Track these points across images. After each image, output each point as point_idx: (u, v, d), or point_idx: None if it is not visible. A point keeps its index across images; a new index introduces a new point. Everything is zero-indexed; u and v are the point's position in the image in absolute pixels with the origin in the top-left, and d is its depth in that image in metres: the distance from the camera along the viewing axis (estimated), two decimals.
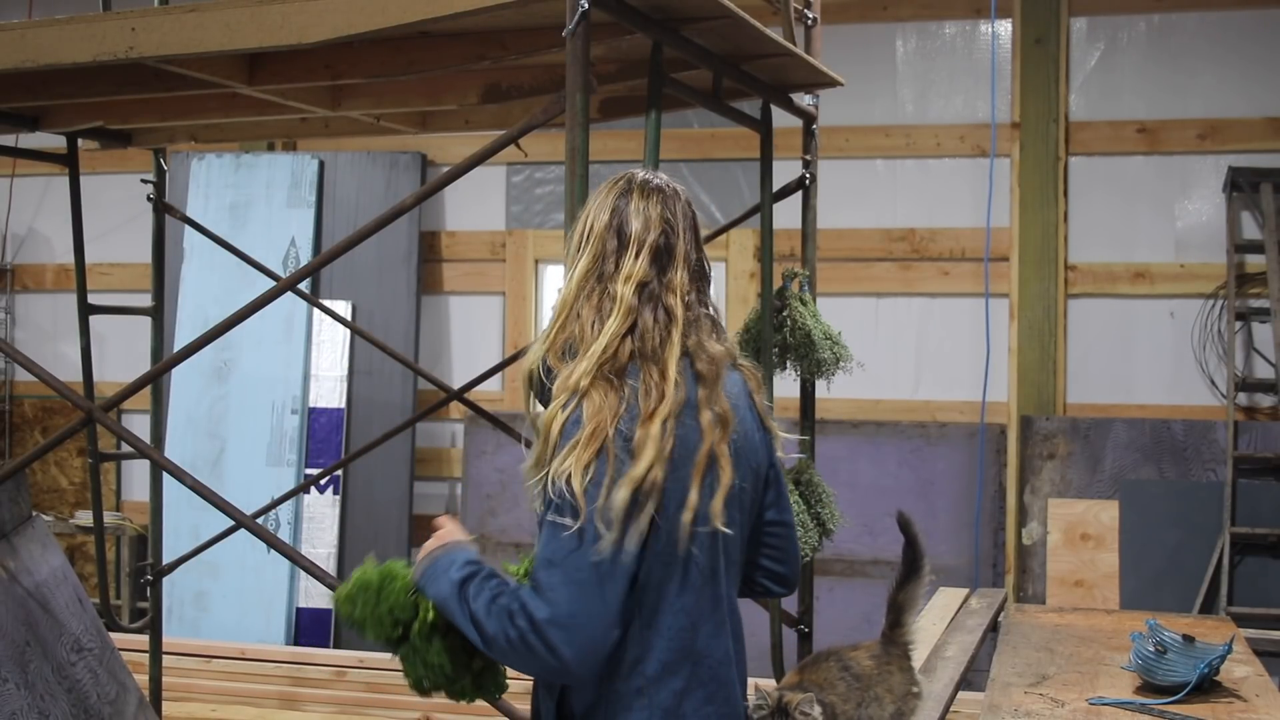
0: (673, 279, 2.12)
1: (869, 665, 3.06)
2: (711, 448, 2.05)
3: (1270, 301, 6.26)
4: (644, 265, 2.11)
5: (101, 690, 4.32)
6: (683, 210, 2.20)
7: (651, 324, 2.08)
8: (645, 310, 2.09)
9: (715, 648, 2.10)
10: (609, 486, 1.95)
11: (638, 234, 2.13)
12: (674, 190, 2.21)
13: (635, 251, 2.12)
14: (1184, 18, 6.63)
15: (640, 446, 1.98)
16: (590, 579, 1.94)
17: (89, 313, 4.76)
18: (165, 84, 3.58)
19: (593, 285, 2.11)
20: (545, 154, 6.94)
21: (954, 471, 6.69)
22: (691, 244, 2.19)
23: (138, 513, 7.48)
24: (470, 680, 2.29)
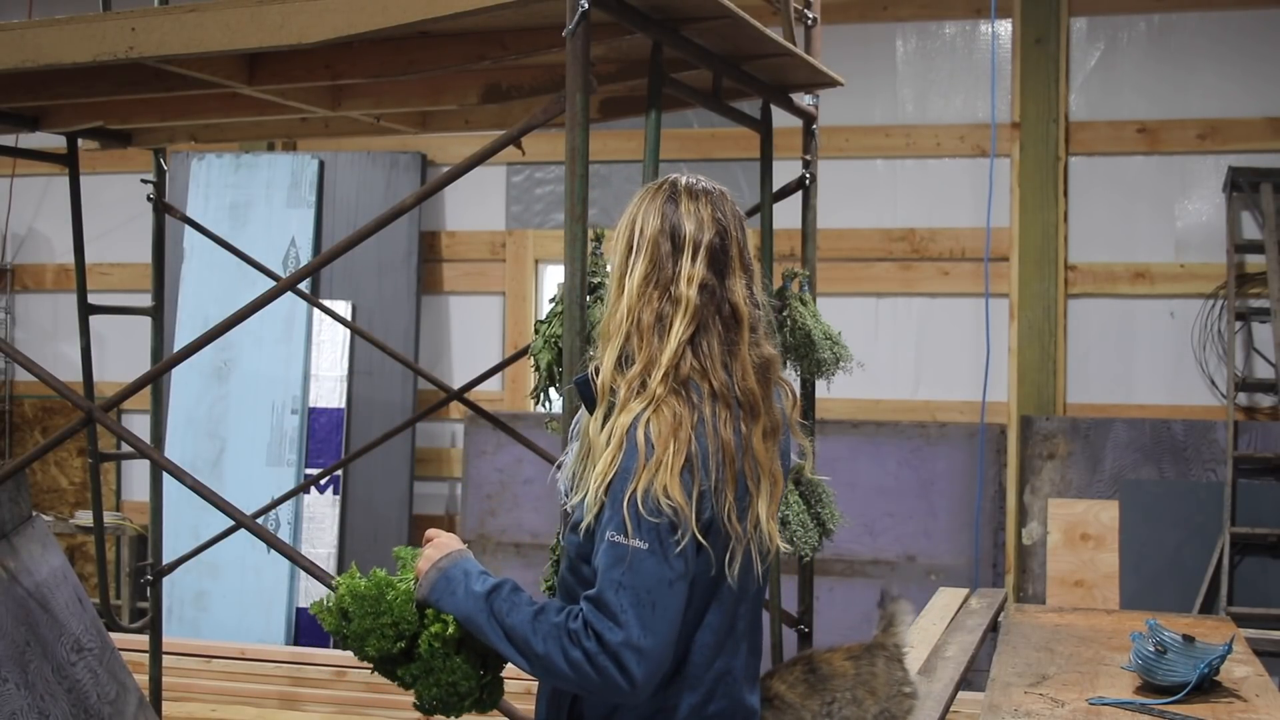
0: (733, 280, 2.09)
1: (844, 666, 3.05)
2: (759, 457, 2.02)
3: (1270, 301, 6.26)
4: (702, 267, 2.06)
5: (101, 690, 4.32)
6: (732, 210, 2.14)
7: (717, 328, 2.05)
8: (709, 312, 2.05)
9: (736, 666, 2.09)
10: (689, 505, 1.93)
11: (693, 235, 2.07)
12: (720, 191, 2.16)
13: (692, 254, 2.06)
14: (1184, 18, 6.63)
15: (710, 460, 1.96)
16: (657, 601, 1.92)
17: (89, 313, 4.76)
18: (165, 84, 3.58)
19: (651, 291, 2.05)
20: (545, 154, 6.94)
21: (954, 471, 6.69)
22: (744, 244, 2.14)
23: (138, 513, 7.48)
24: (477, 695, 2.22)
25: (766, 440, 2.04)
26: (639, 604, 1.91)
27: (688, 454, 1.94)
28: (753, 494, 2.01)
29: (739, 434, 2.01)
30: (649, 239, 2.08)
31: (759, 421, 2.04)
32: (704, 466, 1.96)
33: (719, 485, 1.97)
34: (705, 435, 1.97)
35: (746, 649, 2.14)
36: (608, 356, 2.06)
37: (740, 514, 1.99)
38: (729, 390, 2.02)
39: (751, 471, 2.01)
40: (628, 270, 2.08)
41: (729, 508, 1.97)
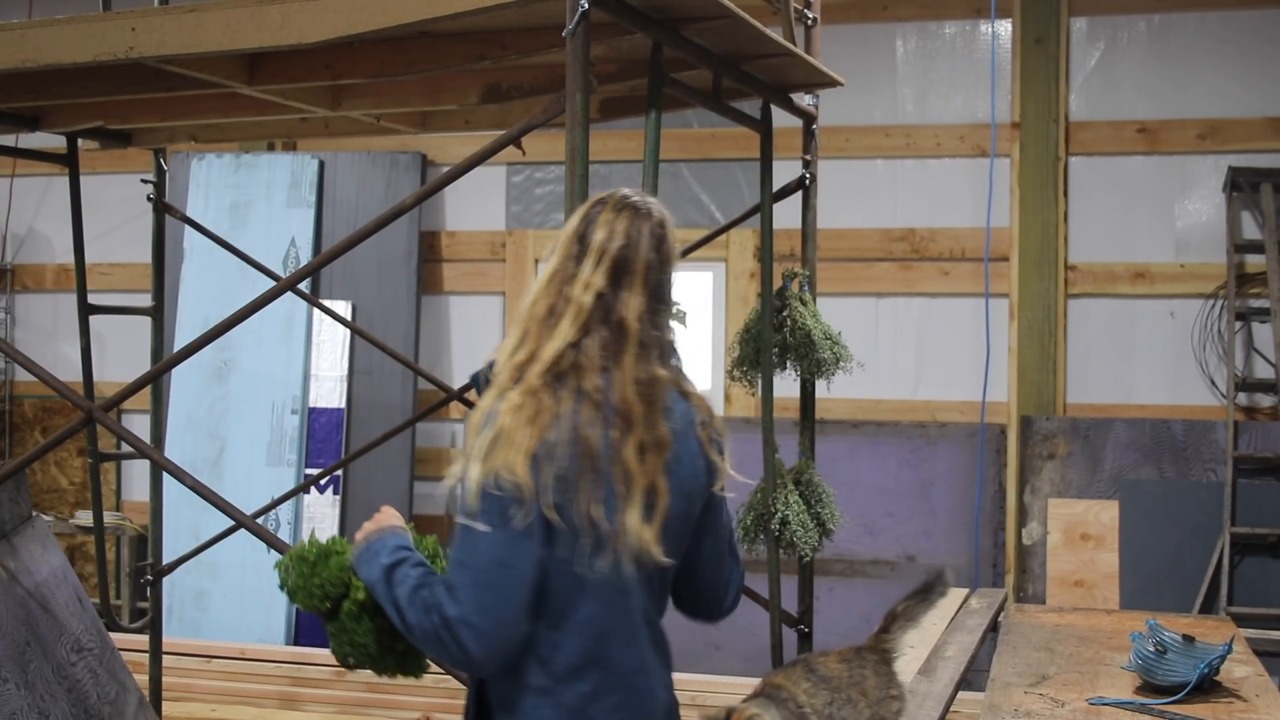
0: (629, 295, 2.13)
1: (838, 669, 3.06)
2: (629, 466, 2.05)
3: (1270, 301, 6.26)
4: (601, 276, 2.13)
5: (101, 690, 4.32)
6: (651, 230, 2.17)
7: (602, 334, 2.10)
8: (597, 319, 2.11)
9: (628, 658, 2.12)
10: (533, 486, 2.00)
11: (600, 244, 2.15)
12: (649, 210, 2.19)
13: (595, 261, 2.14)
14: (1184, 18, 6.63)
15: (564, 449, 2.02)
16: (494, 580, 2.00)
17: (89, 313, 4.76)
18: (165, 84, 3.58)
19: (553, 288, 2.15)
20: (545, 154, 6.93)
21: (954, 471, 6.69)
22: (655, 265, 2.16)
23: (138, 513, 7.48)
24: (394, 660, 2.38)
25: (645, 453, 2.07)
26: (476, 583, 2.00)
27: (541, 440, 2.01)
28: (620, 499, 2.05)
29: (607, 438, 2.05)
30: (565, 239, 2.19)
31: (633, 433, 2.07)
32: (554, 455, 2.01)
33: (572, 476, 2.02)
34: (564, 427, 2.03)
35: (647, 643, 2.16)
36: (506, 345, 2.15)
37: (607, 511, 2.04)
38: (602, 395, 2.07)
39: (620, 477, 2.05)
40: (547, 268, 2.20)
41: (585, 500, 2.02)
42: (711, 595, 2.34)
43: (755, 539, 3.94)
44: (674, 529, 2.15)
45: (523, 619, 2.04)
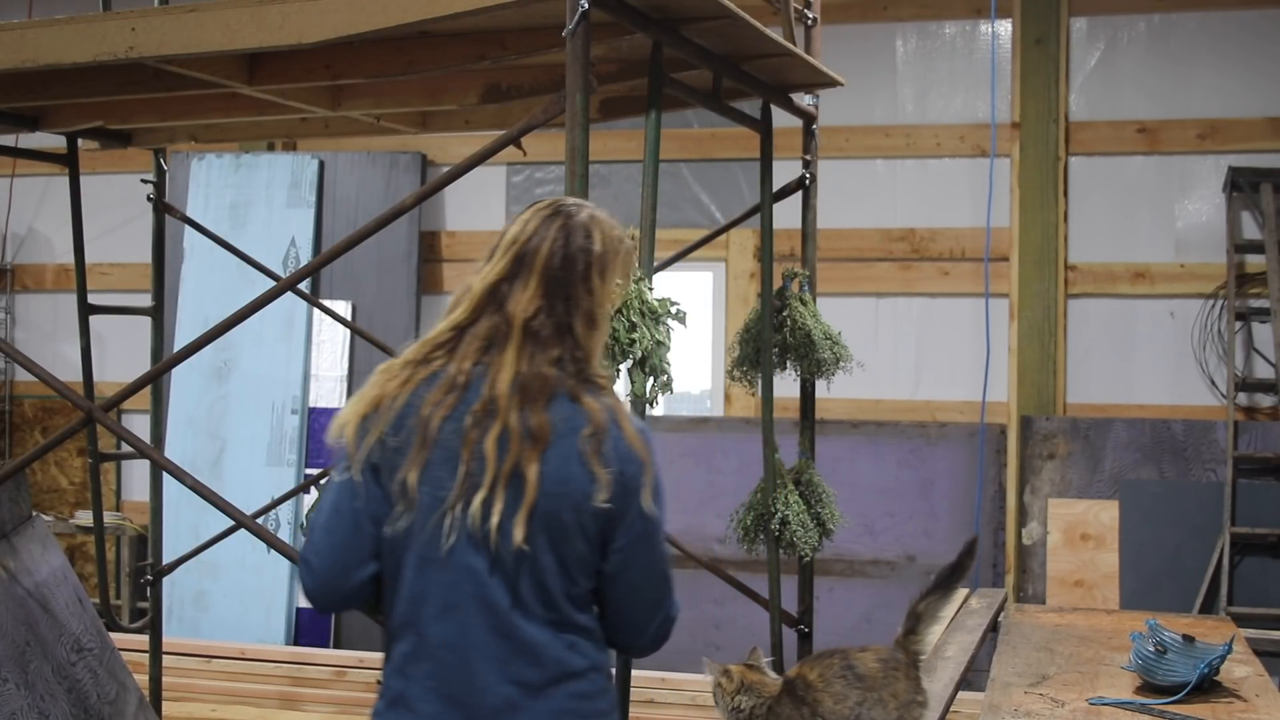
0: (522, 293, 2.16)
1: (875, 668, 3.06)
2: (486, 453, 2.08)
3: (1270, 301, 6.26)
4: (498, 268, 2.19)
5: (101, 690, 4.32)
6: (564, 231, 2.21)
7: (486, 324, 2.15)
8: (487, 311, 2.17)
9: (439, 632, 2.13)
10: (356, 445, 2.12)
11: (509, 239, 2.23)
12: (570, 213, 2.24)
13: (501, 254, 2.21)
14: (1184, 18, 6.63)
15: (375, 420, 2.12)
16: (328, 525, 2.16)
17: (89, 313, 4.75)
18: (165, 84, 3.58)
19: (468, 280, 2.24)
20: (545, 154, 6.93)
21: (954, 471, 6.69)
22: (559, 265, 2.18)
23: (138, 513, 7.47)
24: None
25: (510, 442, 2.08)
26: (316, 526, 2.18)
27: (375, 406, 2.12)
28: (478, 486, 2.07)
29: (457, 422, 2.09)
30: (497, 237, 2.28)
31: (497, 422, 2.09)
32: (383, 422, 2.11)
33: (403, 448, 2.10)
34: (402, 401, 2.12)
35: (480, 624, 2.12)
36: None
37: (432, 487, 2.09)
38: (465, 378, 2.12)
39: (473, 462, 2.08)
40: None
41: (406, 470, 2.09)
42: (621, 627, 2.26)
43: (755, 539, 3.94)
44: (541, 525, 2.10)
45: (352, 565, 2.15)
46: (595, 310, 2.21)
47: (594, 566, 2.18)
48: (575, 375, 2.16)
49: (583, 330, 2.18)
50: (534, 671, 2.14)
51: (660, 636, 2.31)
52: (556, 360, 2.15)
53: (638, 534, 2.17)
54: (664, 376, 2.99)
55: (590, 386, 2.17)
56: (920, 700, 3.10)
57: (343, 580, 2.16)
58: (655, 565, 2.23)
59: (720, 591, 5.97)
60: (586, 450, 2.11)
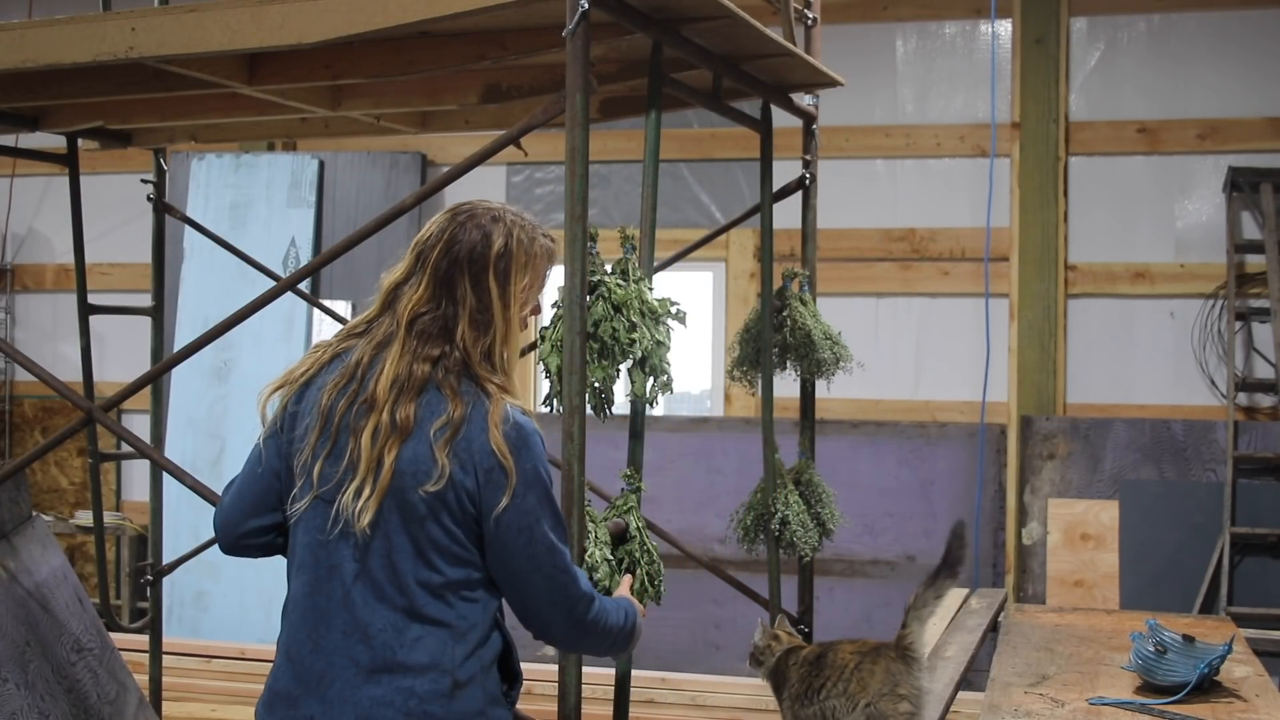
0: (412, 291, 2.28)
1: (848, 659, 3.08)
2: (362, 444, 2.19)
3: (1270, 301, 6.26)
4: (403, 266, 2.32)
5: (101, 690, 4.32)
6: (453, 232, 2.29)
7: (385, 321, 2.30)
8: (387, 308, 2.31)
9: (303, 594, 2.35)
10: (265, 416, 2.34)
11: (417, 240, 2.33)
12: (470, 212, 2.32)
13: (407, 253, 2.33)
14: (1184, 18, 6.63)
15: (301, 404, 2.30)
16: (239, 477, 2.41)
17: (89, 313, 4.75)
18: (165, 84, 3.58)
19: None
20: (545, 154, 6.93)
21: (954, 471, 6.69)
22: (445, 262, 2.27)
23: (138, 513, 7.47)
24: None
25: (378, 436, 2.19)
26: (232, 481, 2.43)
27: (288, 381, 2.33)
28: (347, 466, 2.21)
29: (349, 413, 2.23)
30: None
31: (372, 415, 2.20)
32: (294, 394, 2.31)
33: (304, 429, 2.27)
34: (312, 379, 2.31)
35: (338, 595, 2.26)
36: None
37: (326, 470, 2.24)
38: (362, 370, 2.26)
39: (351, 449, 2.21)
40: None
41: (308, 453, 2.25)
42: (525, 618, 2.32)
43: (755, 539, 3.94)
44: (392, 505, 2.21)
45: (247, 513, 2.39)
46: (490, 309, 2.26)
47: (462, 556, 2.23)
48: (455, 372, 2.23)
49: (468, 330, 2.24)
50: (363, 651, 2.23)
51: (579, 635, 2.36)
52: (436, 358, 2.23)
53: (507, 528, 2.21)
54: (664, 376, 2.99)
55: (468, 384, 2.23)
56: (903, 693, 3.09)
57: (237, 525, 2.42)
58: (533, 559, 2.25)
59: (720, 591, 5.97)
60: (435, 439, 2.19)
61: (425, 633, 2.20)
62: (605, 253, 2.91)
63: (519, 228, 2.31)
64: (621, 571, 2.91)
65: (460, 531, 2.21)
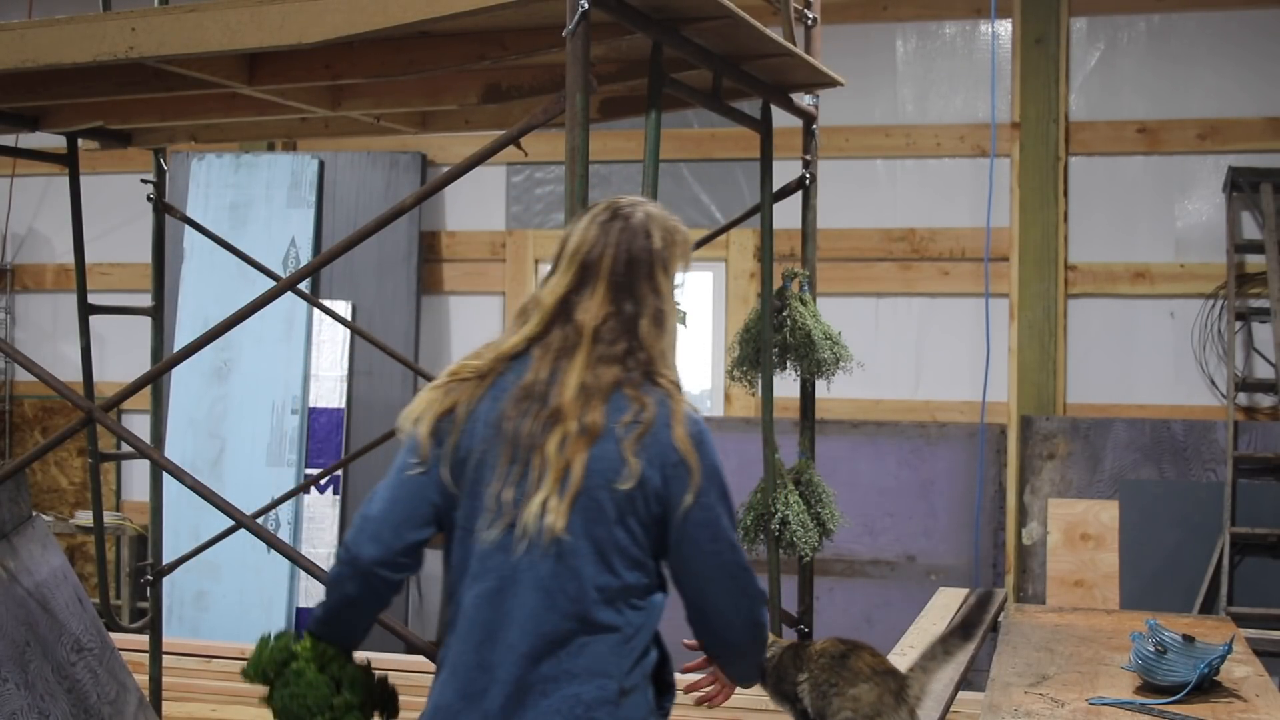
0: (589, 300, 2.25)
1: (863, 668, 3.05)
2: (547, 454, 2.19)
3: (1270, 301, 6.26)
4: (565, 280, 2.28)
5: (101, 690, 4.32)
6: (619, 236, 2.28)
7: (559, 333, 2.25)
8: (560, 321, 2.26)
9: (472, 606, 2.24)
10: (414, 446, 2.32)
11: (570, 249, 2.30)
12: (628, 215, 2.30)
13: (566, 265, 2.29)
14: (1184, 18, 6.63)
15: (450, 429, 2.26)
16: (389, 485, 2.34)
17: (89, 313, 4.75)
18: (165, 84, 3.58)
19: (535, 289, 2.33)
20: (545, 154, 6.93)
21: (954, 471, 6.69)
22: (622, 269, 2.26)
23: (138, 513, 7.47)
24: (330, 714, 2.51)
25: (566, 444, 2.19)
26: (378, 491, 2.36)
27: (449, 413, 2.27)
28: (533, 484, 2.19)
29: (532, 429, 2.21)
30: (558, 242, 2.36)
31: (559, 426, 2.19)
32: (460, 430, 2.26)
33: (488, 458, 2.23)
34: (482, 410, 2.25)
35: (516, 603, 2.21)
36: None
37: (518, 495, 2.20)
38: (543, 388, 2.22)
39: (537, 465, 2.19)
40: None
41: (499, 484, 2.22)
42: (704, 618, 2.34)
43: (755, 539, 3.94)
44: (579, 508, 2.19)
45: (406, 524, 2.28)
46: (662, 307, 2.29)
47: (639, 560, 2.22)
48: (639, 372, 2.23)
49: (648, 329, 2.26)
50: (531, 660, 2.20)
51: (753, 637, 2.39)
52: (622, 362, 2.23)
53: (694, 524, 2.22)
54: None
55: (649, 384, 2.24)
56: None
57: (395, 537, 2.28)
58: (718, 556, 2.26)
59: None
60: (624, 437, 2.19)
61: (594, 640, 2.20)
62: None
63: (665, 220, 2.33)
64: None
65: (642, 533, 2.22)
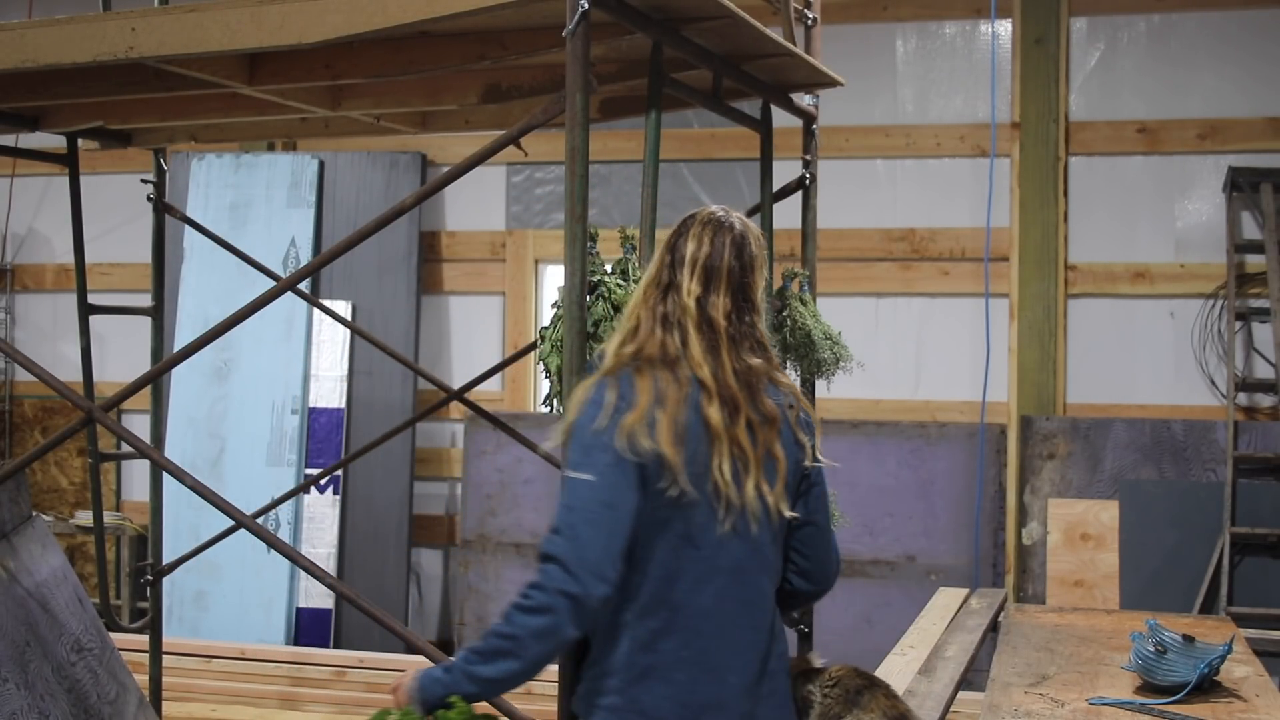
0: (717, 298, 2.47)
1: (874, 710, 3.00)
2: (741, 442, 2.39)
3: (1270, 301, 6.26)
4: (697, 283, 2.47)
5: (101, 690, 4.32)
6: (732, 240, 2.50)
7: (703, 333, 2.44)
8: (699, 321, 2.45)
9: (695, 601, 2.37)
10: (655, 461, 2.32)
11: (691, 255, 2.48)
12: (730, 224, 2.52)
13: (690, 270, 2.47)
14: (1184, 18, 6.62)
15: (647, 425, 2.32)
16: (595, 520, 2.28)
17: (89, 313, 4.76)
18: (165, 84, 3.58)
19: (654, 294, 2.48)
20: (545, 154, 6.93)
21: (954, 471, 6.69)
22: (737, 270, 2.49)
23: (138, 513, 7.48)
24: None
25: (754, 430, 2.41)
26: (580, 523, 2.29)
27: (677, 419, 2.34)
28: (741, 471, 2.39)
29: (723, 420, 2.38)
30: (659, 249, 2.54)
31: (741, 413, 2.40)
32: (689, 435, 2.35)
33: (703, 453, 2.35)
34: (688, 410, 2.36)
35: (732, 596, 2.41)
36: (614, 340, 2.49)
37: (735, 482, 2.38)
38: (715, 383, 2.40)
39: (737, 453, 2.39)
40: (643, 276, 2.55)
41: (718, 472, 2.36)
42: (819, 567, 2.61)
43: None
44: (789, 492, 2.50)
45: (618, 555, 2.29)
46: (760, 302, 2.55)
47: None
48: (767, 359, 2.51)
49: (758, 321, 2.52)
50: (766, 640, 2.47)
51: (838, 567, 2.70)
52: (756, 352, 2.49)
53: (821, 482, 2.60)
54: None
55: (776, 365, 2.55)
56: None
57: (615, 569, 2.30)
58: (829, 508, 2.65)
59: None
60: (793, 421, 2.51)
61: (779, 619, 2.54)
62: (605, 253, 2.91)
63: (753, 226, 2.57)
64: None
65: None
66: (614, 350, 2.45)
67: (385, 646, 6.62)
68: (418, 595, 7.48)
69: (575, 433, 2.36)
